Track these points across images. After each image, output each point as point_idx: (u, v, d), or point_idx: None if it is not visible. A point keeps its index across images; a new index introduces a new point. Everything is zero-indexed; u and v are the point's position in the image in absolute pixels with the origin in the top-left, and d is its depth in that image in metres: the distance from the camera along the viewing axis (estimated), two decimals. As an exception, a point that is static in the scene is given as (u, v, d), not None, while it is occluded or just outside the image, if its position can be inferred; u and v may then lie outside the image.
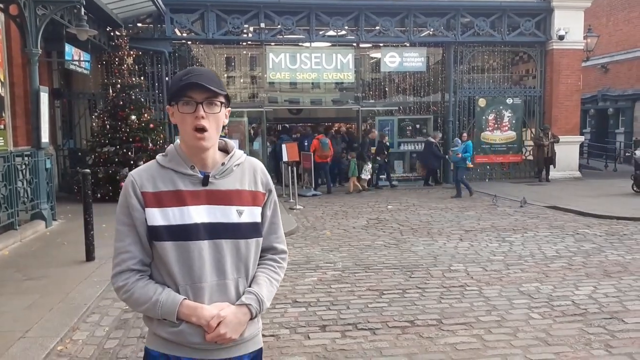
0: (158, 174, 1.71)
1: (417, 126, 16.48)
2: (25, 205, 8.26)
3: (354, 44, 15.77)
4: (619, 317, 4.67)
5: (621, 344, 4.12)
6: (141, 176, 1.70)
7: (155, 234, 1.64)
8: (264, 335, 4.28)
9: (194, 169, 1.71)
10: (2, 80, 9.67)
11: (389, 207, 11.45)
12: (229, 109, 1.78)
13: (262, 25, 14.56)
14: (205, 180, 1.70)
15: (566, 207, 10.66)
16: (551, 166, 15.40)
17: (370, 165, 14.35)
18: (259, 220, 1.76)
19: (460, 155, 12.78)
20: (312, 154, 13.53)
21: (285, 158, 12.56)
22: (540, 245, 7.56)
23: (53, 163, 10.04)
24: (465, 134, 13.91)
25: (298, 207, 11.33)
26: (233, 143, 1.84)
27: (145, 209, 1.66)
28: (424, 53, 15.73)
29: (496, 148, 15.91)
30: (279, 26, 14.65)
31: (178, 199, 1.67)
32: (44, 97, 8.79)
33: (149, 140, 11.76)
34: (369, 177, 14.51)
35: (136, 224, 1.66)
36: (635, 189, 12.50)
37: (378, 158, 14.61)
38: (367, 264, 6.69)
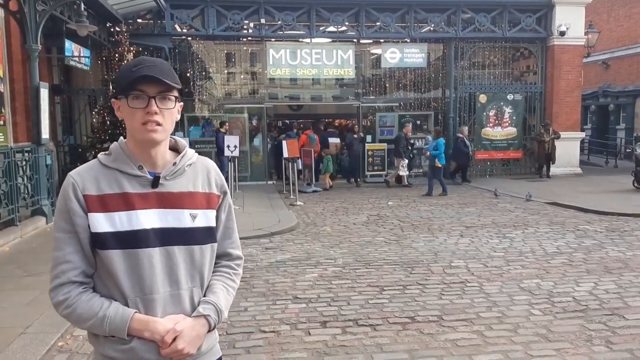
0: (102, 174, 1.54)
1: (418, 122, 16.47)
2: (25, 201, 8.26)
3: (355, 40, 15.74)
4: (619, 314, 4.67)
5: (622, 340, 4.12)
6: (83, 177, 1.53)
7: (100, 241, 1.48)
8: (264, 332, 4.32)
9: (142, 169, 1.55)
10: (2, 76, 9.65)
11: (389, 203, 11.45)
12: (182, 104, 1.62)
13: (263, 21, 14.53)
14: (155, 182, 1.54)
15: (567, 203, 10.65)
16: (551, 162, 15.39)
17: (406, 162, 14.19)
18: (213, 224, 1.63)
19: (428, 153, 12.61)
20: (312, 150, 13.53)
21: (285, 154, 12.56)
22: (540, 242, 7.56)
23: (53, 159, 10.04)
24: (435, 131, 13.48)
25: (298, 203, 11.33)
26: (184, 142, 1.70)
27: (88, 214, 1.49)
28: (425, 49, 15.69)
29: (497, 144, 15.91)
30: (279, 22, 14.62)
31: (125, 202, 1.51)
32: (44, 93, 8.77)
33: (149, 137, 11.74)
34: (407, 173, 14.31)
35: (78, 230, 1.49)
36: (636, 185, 12.47)
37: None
38: (368, 260, 6.69)
